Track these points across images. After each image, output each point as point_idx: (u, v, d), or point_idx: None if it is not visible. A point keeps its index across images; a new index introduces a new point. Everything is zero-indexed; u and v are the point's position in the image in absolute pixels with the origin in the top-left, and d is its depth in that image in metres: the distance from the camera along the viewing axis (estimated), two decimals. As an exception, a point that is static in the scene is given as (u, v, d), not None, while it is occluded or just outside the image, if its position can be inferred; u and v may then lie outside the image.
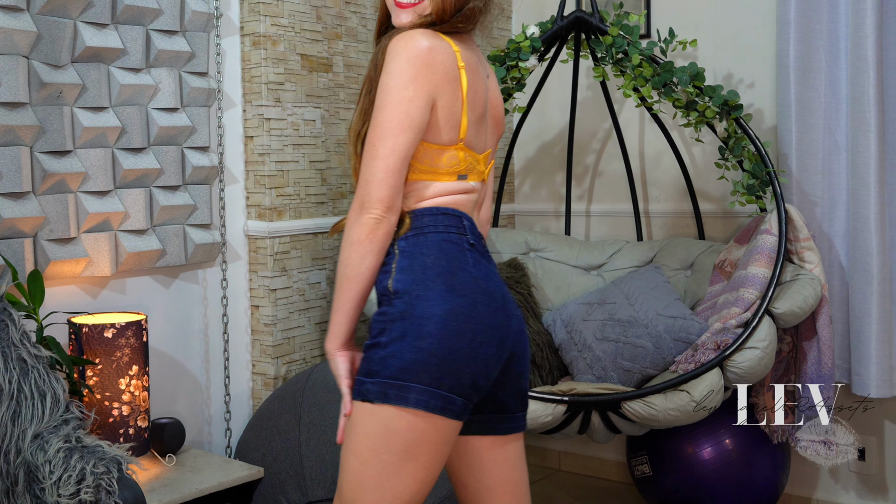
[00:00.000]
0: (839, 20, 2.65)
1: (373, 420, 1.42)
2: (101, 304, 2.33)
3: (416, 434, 1.42)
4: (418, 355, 1.40)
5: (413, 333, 1.41)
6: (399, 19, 1.54)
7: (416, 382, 1.40)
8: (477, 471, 1.58)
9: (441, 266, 1.46)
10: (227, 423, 2.61)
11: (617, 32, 2.65)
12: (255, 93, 2.61)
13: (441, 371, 1.41)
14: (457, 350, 1.41)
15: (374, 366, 1.42)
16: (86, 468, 1.76)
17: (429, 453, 1.44)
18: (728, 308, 2.44)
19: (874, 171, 2.56)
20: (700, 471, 2.56)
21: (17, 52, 2.10)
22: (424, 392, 1.40)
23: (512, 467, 1.60)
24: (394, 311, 1.43)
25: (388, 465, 1.43)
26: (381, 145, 1.43)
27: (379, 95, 1.45)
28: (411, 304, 1.42)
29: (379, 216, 1.43)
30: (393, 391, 1.40)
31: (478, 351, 1.44)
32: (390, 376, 1.41)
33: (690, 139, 3.01)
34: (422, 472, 1.45)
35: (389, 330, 1.42)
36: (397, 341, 1.41)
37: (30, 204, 2.13)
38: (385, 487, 1.43)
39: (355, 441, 1.44)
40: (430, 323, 1.41)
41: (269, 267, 2.64)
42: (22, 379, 1.90)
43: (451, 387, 1.42)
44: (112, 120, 2.28)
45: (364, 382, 1.43)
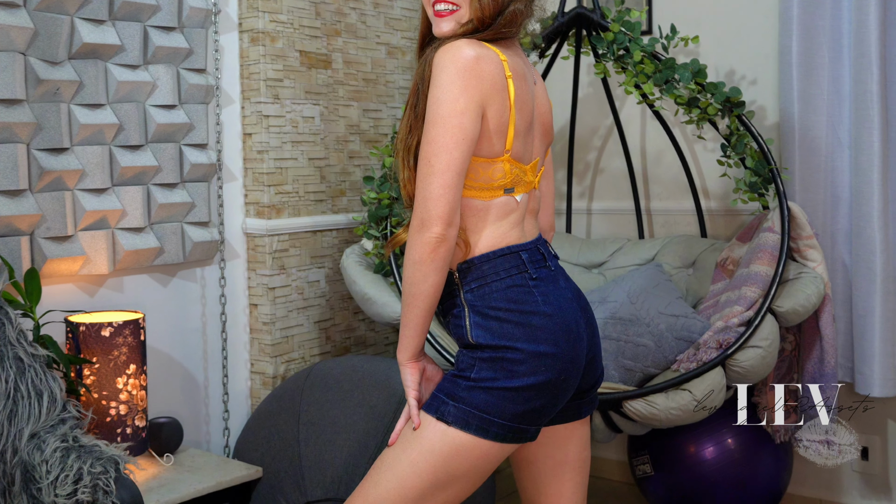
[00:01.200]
0: (842, 16, 2.64)
1: (444, 440, 1.45)
2: (98, 302, 2.32)
3: (483, 462, 1.47)
4: (507, 395, 1.44)
5: (504, 376, 1.45)
6: (440, 29, 1.54)
7: (499, 418, 1.44)
8: (550, 448, 1.62)
9: (515, 317, 1.47)
10: (226, 423, 2.59)
11: (618, 29, 2.63)
12: (253, 89, 2.60)
13: (526, 409, 1.46)
14: (543, 390, 1.46)
15: (461, 392, 1.46)
16: (83, 468, 1.76)
17: (481, 477, 1.49)
18: (730, 306, 2.43)
19: (877, 169, 2.55)
20: (702, 471, 2.55)
21: (14, 48, 2.09)
22: (504, 427, 1.45)
23: (583, 445, 1.66)
24: (483, 355, 1.47)
25: (440, 483, 1.46)
26: (436, 161, 1.42)
27: (430, 109, 1.44)
28: (498, 352, 1.46)
29: (440, 234, 1.43)
30: (475, 421, 1.44)
31: (561, 386, 1.49)
32: (475, 407, 1.44)
33: (692, 136, 3.00)
34: (464, 493, 1.50)
35: (479, 369, 1.47)
36: (487, 381, 1.45)
37: (26, 201, 2.12)
38: (425, 499, 1.47)
39: (417, 452, 1.46)
40: (520, 369, 1.45)
41: (268, 265, 2.62)
42: (18, 378, 1.89)
43: (533, 420, 1.48)
44: (109, 117, 2.27)
45: (446, 403, 1.46)
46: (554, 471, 1.64)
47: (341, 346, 2.85)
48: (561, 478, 1.64)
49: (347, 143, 2.86)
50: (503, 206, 1.52)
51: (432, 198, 1.42)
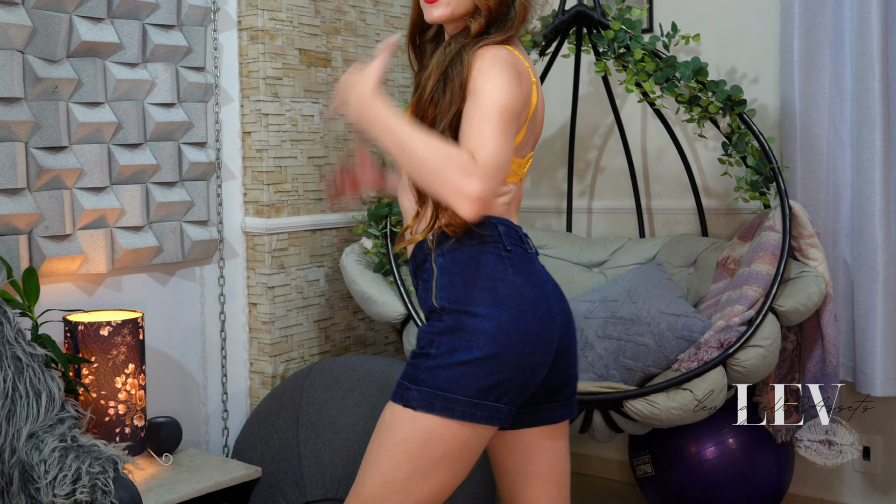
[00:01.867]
0: (844, 14, 2.63)
1: (413, 426, 1.43)
2: (96, 301, 2.31)
3: (457, 443, 1.44)
4: (468, 369, 1.42)
5: (463, 348, 1.42)
6: (431, 15, 1.51)
7: (463, 395, 1.42)
8: (521, 457, 1.59)
9: (482, 281, 1.45)
10: (225, 422, 2.59)
11: (619, 27, 2.62)
12: (252, 88, 2.59)
13: (489, 383, 1.42)
14: (506, 363, 1.43)
15: (422, 374, 1.44)
16: (81, 468, 1.75)
17: (463, 461, 1.46)
18: (731, 306, 2.42)
19: (879, 167, 2.55)
20: (703, 471, 2.54)
21: (12, 46, 2.08)
22: (470, 404, 1.42)
23: (558, 456, 1.61)
24: (442, 326, 1.45)
25: (420, 470, 1.44)
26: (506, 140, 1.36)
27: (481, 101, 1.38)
28: (459, 319, 1.43)
29: (487, 191, 1.31)
30: (439, 402, 1.42)
31: (526, 360, 1.45)
32: (437, 387, 1.42)
33: (693, 135, 2.99)
34: (451, 479, 1.47)
35: (438, 343, 1.44)
36: (446, 355, 1.43)
37: (25, 200, 2.11)
38: (411, 490, 1.45)
39: (391, 443, 1.45)
40: (480, 338, 1.42)
41: (267, 264, 2.62)
42: (17, 377, 1.88)
43: (498, 397, 1.44)
44: (108, 115, 2.26)
45: (409, 388, 1.44)
46: (526, 482, 1.60)
47: (341, 345, 2.85)
48: (533, 490, 1.60)
49: (347, 142, 2.85)
50: None
51: (497, 159, 1.33)
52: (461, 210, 1.31)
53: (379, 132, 1.38)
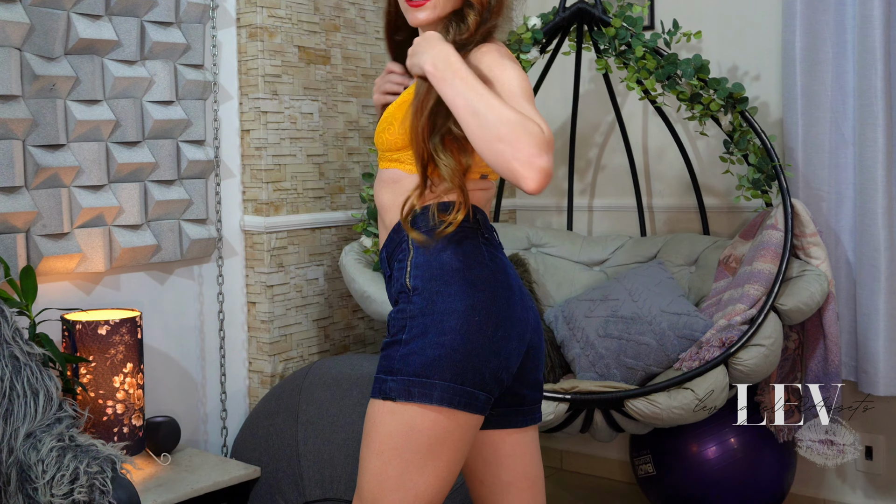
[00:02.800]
0: (846, 11, 2.62)
1: (395, 418, 1.41)
2: (94, 300, 2.30)
3: (440, 431, 1.41)
4: (441, 351, 1.39)
5: (435, 329, 1.40)
6: (416, 19, 1.51)
7: (440, 379, 1.39)
8: (494, 466, 1.57)
9: (458, 262, 1.44)
10: (224, 422, 2.58)
11: (620, 24, 2.61)
12: (251, 85, 2.58)
13: (465, 366, 1.40)
14: (480, 345, 1.41)
15: (396, 363, 1.41)
16: (79, 467, 1.75)
17: (451, 450, 1.43)
18: (733, 304, 2.41)
19: (882, 165, 2.54)
20: (705, 470, 2.53)
21: (10, 44, 2.07)
22: (448, 389, 1.39)
23: (529, 462, 1.59)
24: (413, 308, 1.42)
25: (411, 464, 1.42)
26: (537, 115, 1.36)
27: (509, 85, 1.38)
28: (431, 300, 1.41)
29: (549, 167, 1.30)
30: (416, 388, 1.39)
31: (500, 345, 1.43)
32: (413, 373, 1.40)
33: (695, 133, 2.98)
34: (444, 470, 1.44)
35: (410, 327, 1.42)
36: (419, 338, 1.40)
37: (22, 198, 2.10)
38: (407, 486, 1.42)
39: (377, 440, 1.43)
40: (452, 318, 1.40)
41: (266, 263, 2.61)
42: (14, 377, 1.88)
43: (475, 382, 1.41)
44: (106, 113, 2.25)
45: (385, 380, 1.42)
46: (502, 491, 1.58)
47: (340, 344, 2.84)
48: (513, 498, 1.58)
49: (346, 140, 2.84)
50: (475, 182, 1.51)
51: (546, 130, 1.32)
52: (528, 181, 1.28)
53: (458, 83, 1.35)
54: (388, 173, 1.53)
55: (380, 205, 1.56)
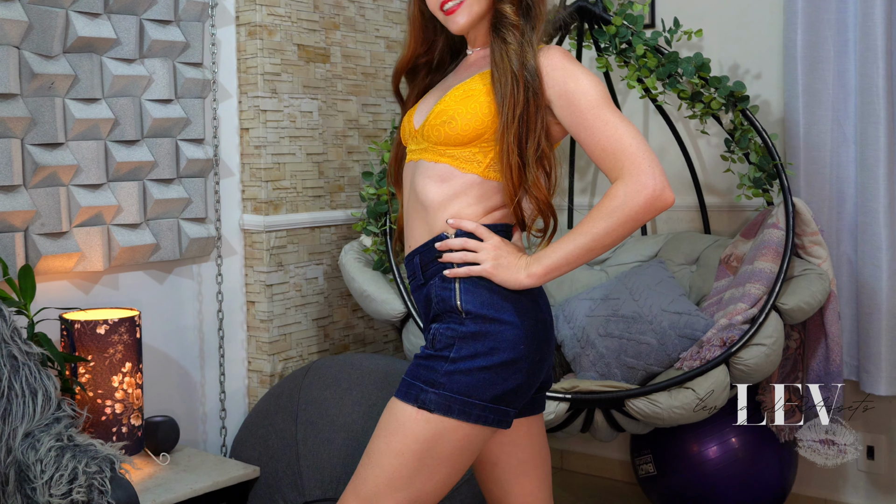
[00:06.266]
0: (847, 9, 2.61)
1: (427, 427, 1.45)
2: (93, 299, 2.29)
3: (466, 443, 1.47)
4: (488, 375, 1.45)
5: (485, 355, 1.46)
6: (457, 24, 1.54)
7: (480, 400, 1.45)
8: (511, 447, 1.63)
9: (505, 289, 1.49)
10: (223, 422, 2.57)
11: (621, 22, 2.61)
12: (250, 84, 2.57)
13: (504, 389, 1.47)
14: (521, 370, 1.48)
15: (440, 378, 1.46)
16: (78, 467, 1.75)
17: (467, 460, 1.50)
18: (734, 304, 2.40)
19: (883, 164, 2.53)
20: (705, 470, 2.52)
21: (8, 42, 2.06)
22: (486, 409, 1.46)
23: (542, 442, 1.67)
24: (465, 330, 1.47)
25: (426, 469, 1.47)
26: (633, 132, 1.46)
27: (588, 103, 1.45)
28: (484, 325, 1.46)
29: (659, 168, 1.43)
30: (457, 406, 1.45)
31: (535, 368, 1.51)
32: (456, 391, 1.45)
33: (696, 131, 2.97)
34: (453, 477, 1.50)
35: (459, 347, 1.46)
36: (467, 360, 1.46)
37: (21, 197, 2.09)
38: (414, 487, 1.47)
39: (401, 442, 1.46)
40: (504, 345, 1.46)
41: (266, 262, 2.60)
42: (13, 376, 1.87)
43: (510, 402, 1.49)
44: (105, 112, 2.24)
45: (425, 391, 1.46)
46: (519, 470, 1.64)
47: (340, 343, 2.83)
48: (527, 476, 1.65)
49: (346, 139, 2.83)
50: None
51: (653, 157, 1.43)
52: (662, 206, 1.42)
53: (569, 269, 1.48)
54: (437, 168, 1.52)
55: (423, 200, 1.54)
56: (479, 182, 1.50)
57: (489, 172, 1.50)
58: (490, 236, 1.50)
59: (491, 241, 1.49)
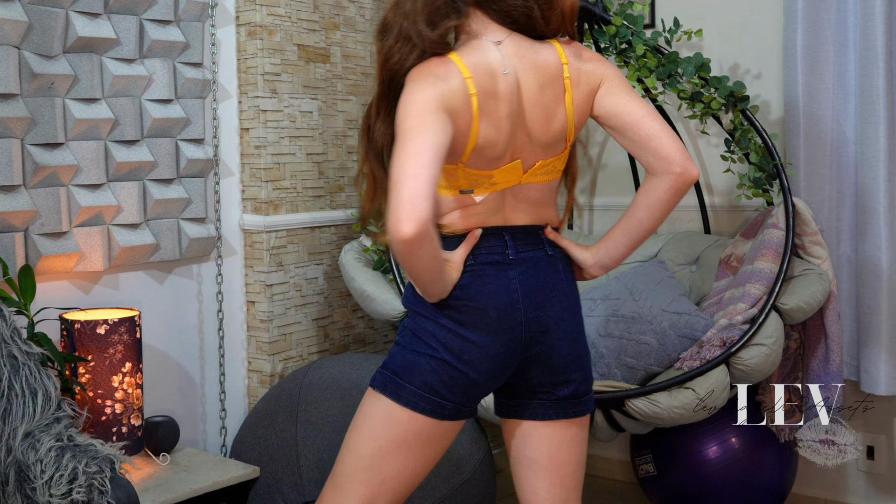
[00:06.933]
0: (847, 10, 2.61)
1: (377, 404, 1.53)
2: (93, 299, 2.29)
3: (413, 429, 1.51)
4: (415, 359, 1.51)
5: (416, 342, 1.53)
6: None
7: (409, 384, 1.51)
8: (519, 443, 1.65)
9: None
10: (223, 422, 2.57)
11: (621, 22, 2.60)
12: (250, 84, 2.57)
13: (431, 378, 1.50)
14: (448, 364, 1.50)
15: (388, 360, 1.56)
16: (78, 467, 1.75)
17: (424, 447, 1.53)
18: (734, 304, 2.40)
19: (883, 164, 2.53)
20: (706, 470, 2.52)
21: (8, 42, 2.06)
22: (415, 394, 1.50)
23: (558, 446, 1.62)
24: (407, 322, 1.57)
25: (384, 450, 1.52)
26: None
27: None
28: (415, 320, 1.54)
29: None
30: (391, 385, 1.52)
31: (470, 365, 1.51)
32: (393, 371, 1.53)
33: (696, 131, 2.97)
34: (414, 464, 1.54)
35: (404, 334, 1.56)
36: (405, 344, 1.54)
37: (20, 197, 2.09)
38: (377, 469, 1.53)
39: (360, 419, 1.56)
40: (424, 337, 1.52)
41: (266, 262, 2.60)
42: (13, 376, 1.87)
43: (442, 394, 1.51)
44: (105, 112, 2.24)
45: (378, 371, 1.57)
46: (526, 467, 1.65)
47: (340, 343, 2.83)
48: (536, 476, 1.64)
49: (346, 139, 2.83)
50: (461, 200, 1.55)
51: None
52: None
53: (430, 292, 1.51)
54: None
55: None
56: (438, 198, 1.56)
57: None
58: None
59: None
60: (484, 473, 2.33)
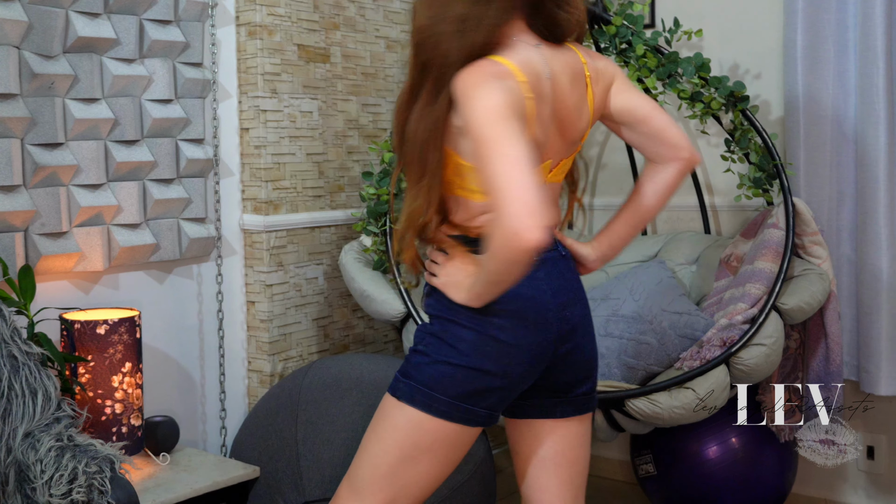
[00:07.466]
0: (847, 10, 2.61)
1: (402, 415, 1.52)
2: (93, 299, 2.29)
3: (441, 436, 1.52)
4: (448, 372, 1.50)
5: (448, 353, 1.51)
6: None
7: (443, 395, 1.50)
8: (530, 440, 1.65)
9: None
10: (223, 422, 2.57)
11: (621, 22, 2.60)
12: (250, 84, 2.57)
13: (467, 389, 1.50)
14: (485, 371, 1.50)
15: (411, 370, 1.54)
16: (78, 467, 1.75)
17: (446, 454, 1.54)
18: (734, 304, 2.40)
19: (883, 164, 2.53)
20: (706, 470, 2.52)
21: (8, 42, 2.06)
22: (448, 405, 1.50)
23: (570, 444, 1.65)
24: (432, 329, 1.54)
25: (407, 457, 1.52)
26: None
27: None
28: (446, 327, 1.52)
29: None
30: (420, 397, 1.51)
31: (507, 370, 1.51)
32: (421, 383, 1.51)
33: (696, 131, 2.97)
34: (436, 469, 1.54)
35: (429, 343, 1.53)
36: (433, 355, 1.52)
37: (20, 197, 2.09)
38: (397, 476, 1.53)
39: (382, 429, 1.54)
40: (463, 347, 1.50)
41: (266, 262, 2.60)
42: (13, 376, 1.87)
43: (476, 401, 1.51)
44: (105, 112, 2.24)
45: (400, 381, 1.55)
46: (537, 465, 1.66)
47: (340, 343, 2.83)
48: (547, 473, 1.65)
49: (346, 139, 2.83)
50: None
51: None
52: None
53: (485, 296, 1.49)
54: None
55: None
56: (453, 198, 1.53)
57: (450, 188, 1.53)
58: (452, 251, 1.54)
59: (452, 257, 1.54)
60: (484, 473, 2.33)
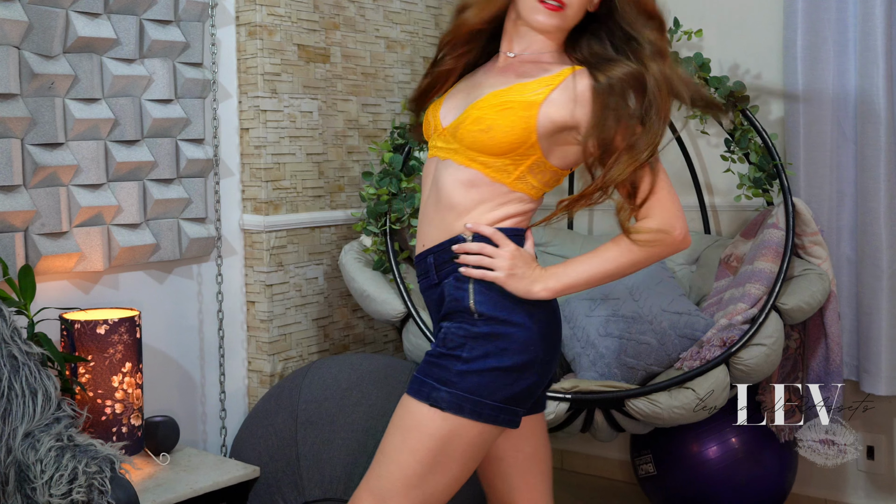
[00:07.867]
0: (847, 10, 2.61)
1: (442, 425, 1.48)
2: (93, 299, 2.29)
3: (479, 442, 1.50)
4: (499, 376, 1.48)
5: (496, 356, 1.48)
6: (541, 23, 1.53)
7: (490, 399, 1.48)
8: (518, 440, 1.67)
9: None
10: (223, 422, 2.57)
11: (621, 22, 2.60)
12: (250, 84, 2.57)
13: (514, 390, 1.50)
14: (532, 372, 1.51)
15: (452, 377, 1.48)
16: (78, 467, 1.74)
17: (477, 457, 1.53)
18: (734, 304, 2.40)
19: (883, 164, 2.53)
20: (706, 470, 2.52)
21: (8, 42, 2.06)
22: (497, 409, 1.49)
23: (544, 437, 1.73)
24: (477, 331, 1.49)
25: (440, 466, 1.49)
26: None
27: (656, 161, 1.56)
28: (496, 328, 1.49)
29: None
30: (468, 405, 1.47)
31: (546, 368, 1.55)
32: (467, 390, 1.47)
33: (696, 131, 2.97)
34: (463, 474, 1.53)
35: (472, 347, 1.49)
36: (479, 360, 1.48)
37: (20, 197, 2.09)
38: (427, 484, 1.50)
39: (416, 439, 1.49)
40: (515, 347, 1.49)
41: (266, 262, 2.60)
42: (13, 376, 1.87)
43: (520, 402, 1.52)
44: (105, 112, 2.24)
45: (438, 389, 1.48)
46: (524, 464, 1.68)
47: (340, 343, 2.83)
48: (531, 470, 1.69)
49: (346, 139, 2.83)
50: (539, 201, 1.60)
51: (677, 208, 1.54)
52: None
53: (584, 289, 1.56)
54: (467, 173, 1.53)
55: (447, 202, 1.55)
56: (506, 192, 1.53)
57: (518, 184, 1.53)
58: (506, 244, 1.51)
59: (507, 249, 1.50)
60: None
